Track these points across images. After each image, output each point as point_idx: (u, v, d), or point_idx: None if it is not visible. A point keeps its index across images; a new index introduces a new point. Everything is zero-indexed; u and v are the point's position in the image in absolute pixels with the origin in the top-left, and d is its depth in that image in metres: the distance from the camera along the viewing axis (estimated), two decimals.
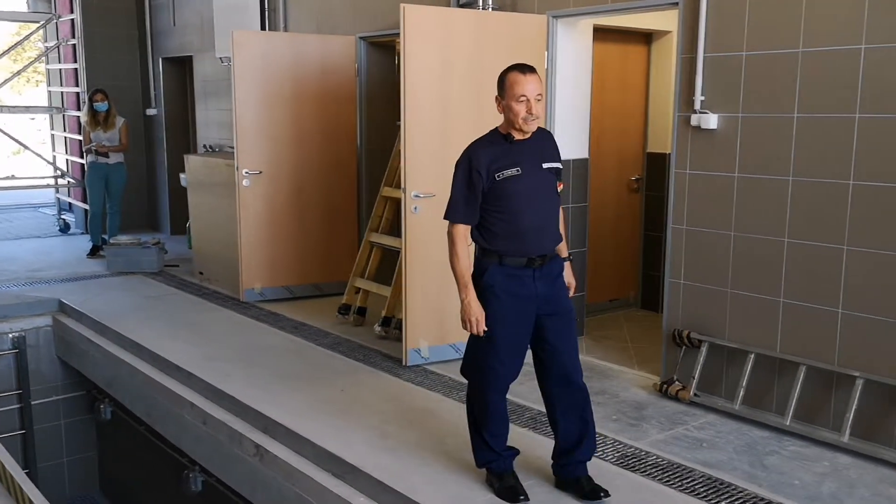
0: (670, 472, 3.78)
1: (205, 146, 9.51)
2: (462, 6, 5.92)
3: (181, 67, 10.46)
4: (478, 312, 3.37)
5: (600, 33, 6.05)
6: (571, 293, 3.61)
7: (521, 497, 3.45)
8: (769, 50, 4.33)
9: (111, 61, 10.59)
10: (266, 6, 8.17)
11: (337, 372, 5.23)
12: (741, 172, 4.52)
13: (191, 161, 8.01)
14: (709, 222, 4.69)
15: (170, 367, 5.26)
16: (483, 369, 3.47)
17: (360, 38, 7.08)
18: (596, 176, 6.23)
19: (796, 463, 3.93)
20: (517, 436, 3.92)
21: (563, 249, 3.59)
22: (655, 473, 3.78)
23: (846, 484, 3.71)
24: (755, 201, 4.47)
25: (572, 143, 5.71)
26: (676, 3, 4.73)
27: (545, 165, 3.46)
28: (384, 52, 7.24)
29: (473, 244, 3.49)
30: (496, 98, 3.43)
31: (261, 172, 6.84)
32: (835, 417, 4.17)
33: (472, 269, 3.43)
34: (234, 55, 6.65)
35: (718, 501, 3.52)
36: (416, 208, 5.16)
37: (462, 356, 3.68)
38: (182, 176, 8.50)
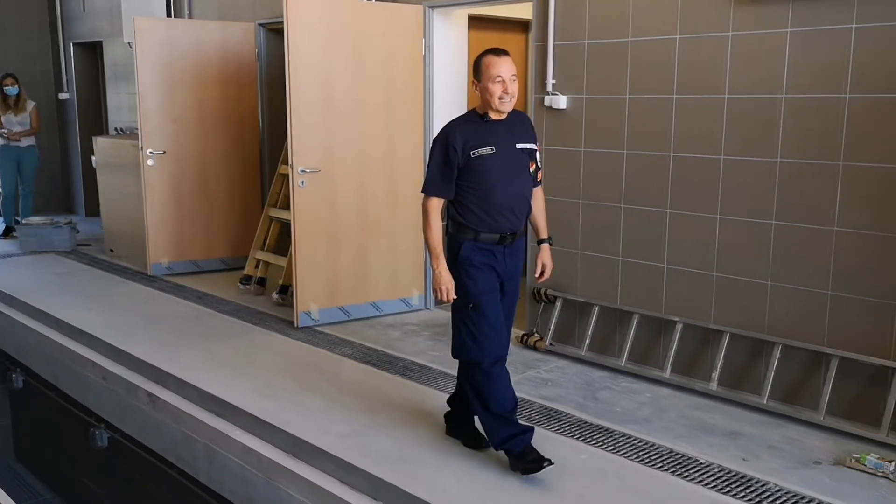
0: None
1: (116, 129, 9.77)
2: None
3: (92, 52, 10.66)
4: (448, 281, 3.50)
5: (480, 22, 6.60)
6: (548, 275, 3.81)
7: (546, 462, 3.42)
8: (605, 39, 4.94)
9: (22, 46, 10.73)
10: None
11: (232, 334, 5.69)
12: (586, 147, 5.13)
13: (99, 143, 8.32)
14: (562, 192, 5.29)
15: (74, 332, 5.65)
16: (478, 340, 3.53)
17: (260, 24, 7.50)
18: None
19: (623, 395, 4.57)
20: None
21: (542, 230, 3.80)
22: None
23: (659, 409, 4.36)
24: (597, 172, 5.09)
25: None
26: None
27: (518, 146, 3.59)
28: (283, 38, 7.63)
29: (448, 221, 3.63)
30: (473, 81, 3.58)
31: (165, 153, 7.21)
32: (661, 357, 4.83)
33: (441, 241, 3.56)
34: (137, 41, 7.00)
35: (548, 425, 4.12)
36: (302, 182, 5.63)
37: (348, 317, 4.12)
38: (93, 158, 8.79)
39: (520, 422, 3.62)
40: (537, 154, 3.70)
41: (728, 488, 3.46)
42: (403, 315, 6.15)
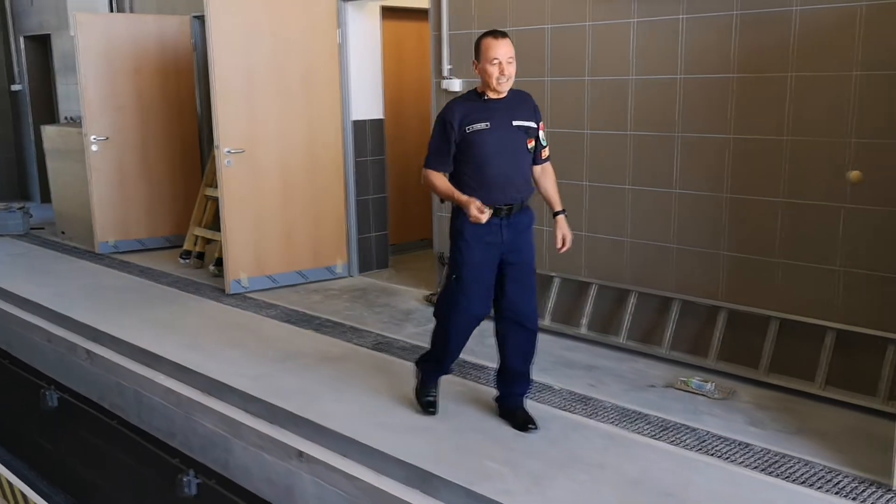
0: (409, 350, 5.01)
1: (66, 117, 10.26)
2: None
3: (42, 45, 11.10)
4: (472, 200, 3.60)
5: (394, 12, 7.19)
6: (568, 244, 3.92)
7: (431, 410, 3.97)
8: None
9: None
10: None
11: (168, 301, 6.28)
12: None
13: (47, 131, 8.82)
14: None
15: (24, 303, 6.22)
16: (450, 304, 3.85)
17: (195, 16, 8.03)
18: (399, 133, 7.43)
19: None
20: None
21: (555, 203, 3.94)
22: (397, 352, 5.01)
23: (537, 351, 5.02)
24: None
25: (367, 106, 6.86)
26: None
27: (515, 123, 3.74)
28: None
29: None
30: (473, 62, 3.78)
31: (108, 139, 7.75)
32: (542, 308, 5.49)
33: (450, 186, 3.72)
34: (78, 35, 7.52)
35: None
36: (228, 162, 6.22)
37: (276, 285, 4.66)
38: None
39: (447, 367, 4.06)
40: (540, 132, 3.84)
41: (570, 406, 4.14)
42: (327, 282, 6.77)
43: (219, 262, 6.96)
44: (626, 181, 5.00)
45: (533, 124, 3.80)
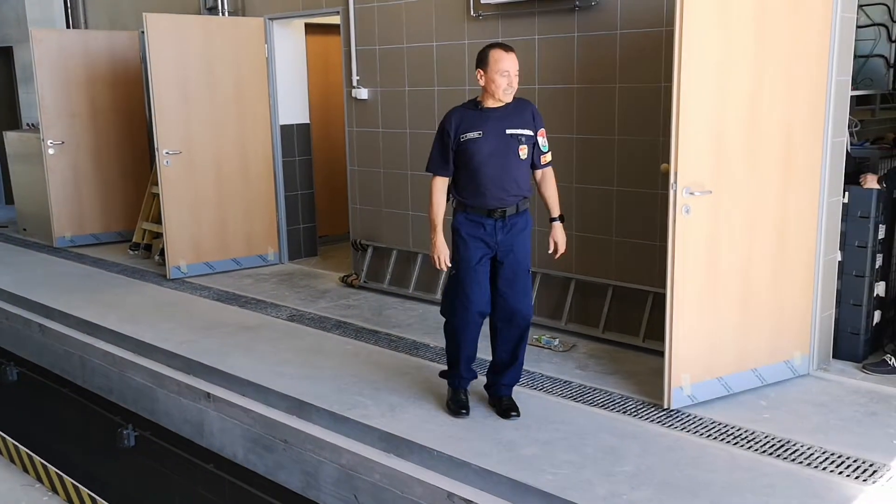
0: (317, 322, 5.88)
1: (27, 124, 11.01)
2: (209, 9, 7.84)
3: (5, 56, 11.85)
4: (441, 251, 3.98)
5: (324, 28, 8.06)
6: (561, 249, 4.11)
7: (463, 411, 4.10)
8: (389, 45, 6.46)
9: None
10: (69, 5, 9.81)
11: (114, 285, 7.11)
12: (383, 128, 6.66)
13: (9, 136, 9.60)
14: (368, 163, 6.82)
15: None
16: (453, 300, 4.06)
17: (142, 32, 8.84)
18: (326, 136, 8.32)
19: (402, 312, 6.12)
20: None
21: (552, 208, 4.11)
22: (306, 322, 5.87)
23: (422, 319, 5.91)
24: (391, 148, 6.62)
25: (293, 112, 7.74)
26: (338, 12, 6.80)
27: (508, 131, 3.90)
28: None
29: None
30: (478, 71, 3.91)
31: (63, 143, 8.56)
32: (438, 285, 6.39)
33: (441, 217, 3.99)
34: (34, 49, 8.34)
35: (338, 331, 5.64)
36: (167, 162, 7.07)
37: (212, 271, 5.46)
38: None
39: (465, 370, 4.19)
40: (539, 138, 4.00)
41: (438, 359, 5.03)
42: (259, 268, 7.63)
43: (163, 253, 7.79)
44: None
45: (529, 132, 3.95)
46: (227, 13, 7.68)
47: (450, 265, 4.03)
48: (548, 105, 5.52)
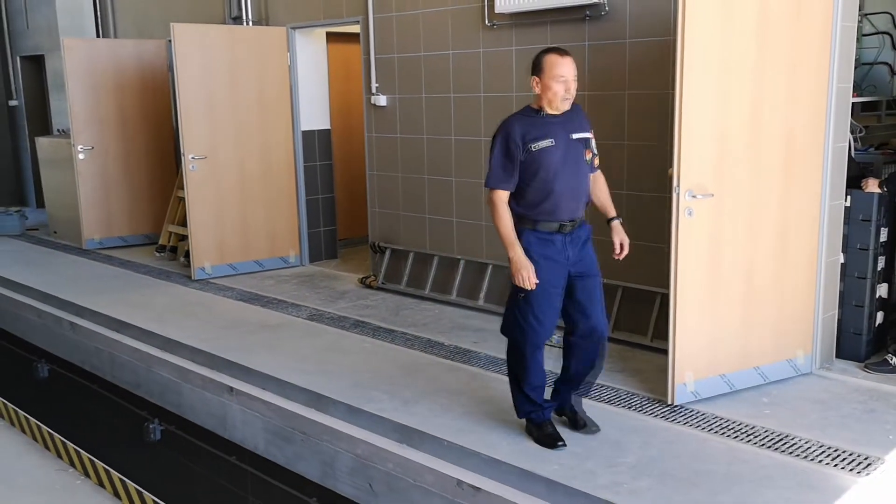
0: (336, 321, 6.07)
1: (58, 130, 11.33)
2: (234, 19, 8.09)
3: (37, 64, 12.22)
4: (527, 266, 3.59)
5: (346, 37, 8.26)
6: (626, 250, 3.87)
7: (560, 443, 3.77)
8: (407, 53, 6.66)
9: None
10: (99, 14, 10.12)
11: (142, 286, 7.36)
12: (401, 134, 6.86)
13: (41, 142, 9.92)
14: (386, 168, 7.02)
15: (14, 286, 7.33)
16: (521, 327, 3.73)
17: (169, 41, 9.11)
18: (347, 141, 8.54)
19: (418, 312, 6.30)
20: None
21: (609, 209, 3.89)
22: (325, 321, 6.07)
23: (437, 319, 6.09)
24: (409, 153, 6.81)
25: (315, 118, 7.96)
26: (358, 21, 7.01)
27: (574, 136, 3.68)
28: None
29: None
30: (533, 78, 3.67)
31: (93, 148, 8.85)
32: (451, 285, 6.56)
33: (513, 230, 3.65)
34: (65, 57, 8.63)
35: (356, 329, 5.83)
36: (193, 167, 7.31)
37: (236, 272, 5.67)
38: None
39: (543, 398, 3.90)
40: (592, 142, 3.80)
41: (452, 357, 5.19)
42: (281, 270, 7.85)
43: (188, 255, 8.03)
44: None
45: (588, 135, 3.77)
46: (251, 22, 7.92)
47: (518, 289, 3.67)
48: None
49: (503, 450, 3.81)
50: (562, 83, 3.61)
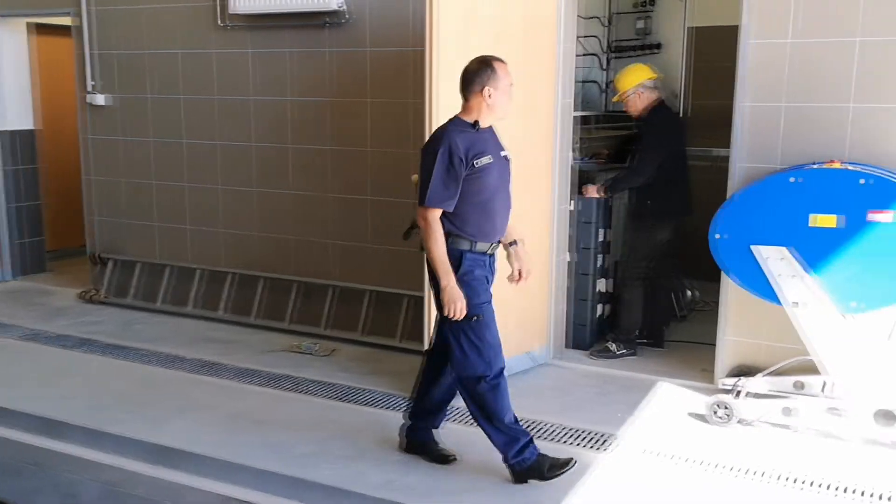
0: (57, 341, 5.50)
1: None
2: None
3: None
4: (459, 297, 3.33)
5: (54, 30, 7.47)
6: (526, 276, 3.62)
7: (568, 466, 3.52)
8: (130, 50, 6.22)
9: None
10: None
11: None
12: (124, 136, 6.39)
13: None
14: (108, 172, 6.50)
15: None
16: (482, 353, 3.43)
17: None
18: (58, 143, 7.76)
19: (153, 326, 5.91)
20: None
21: (513, 232, 3.63)
22: (44, 341, 5.48)
23: (178, 332, 5.75)
24: (134, 157, 6.36)
25: (19, 117, 7.16)
26: (69, 13, 6.41)
27: (502, 153, 3.50)
28: None
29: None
30: (486, 89, 3.36)
31: None
32: (188, 297, 6.23)
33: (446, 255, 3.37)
34: None
35: (82, 348, 5.32)
36: None
37: None
38: None
39: (524, 433, 3.52)
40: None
41: (196, 370, 4.94)
42: None
43: None
44: (251, 185, 5.92)
45: (509, 153, 3.59)
46: None
47: (469, 313, 3.37)
48: (302, 117, 5.65)
49: (272, 459, 3.70)
50: (510, 92, 3.43)
